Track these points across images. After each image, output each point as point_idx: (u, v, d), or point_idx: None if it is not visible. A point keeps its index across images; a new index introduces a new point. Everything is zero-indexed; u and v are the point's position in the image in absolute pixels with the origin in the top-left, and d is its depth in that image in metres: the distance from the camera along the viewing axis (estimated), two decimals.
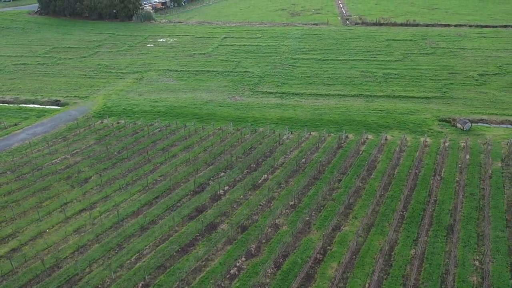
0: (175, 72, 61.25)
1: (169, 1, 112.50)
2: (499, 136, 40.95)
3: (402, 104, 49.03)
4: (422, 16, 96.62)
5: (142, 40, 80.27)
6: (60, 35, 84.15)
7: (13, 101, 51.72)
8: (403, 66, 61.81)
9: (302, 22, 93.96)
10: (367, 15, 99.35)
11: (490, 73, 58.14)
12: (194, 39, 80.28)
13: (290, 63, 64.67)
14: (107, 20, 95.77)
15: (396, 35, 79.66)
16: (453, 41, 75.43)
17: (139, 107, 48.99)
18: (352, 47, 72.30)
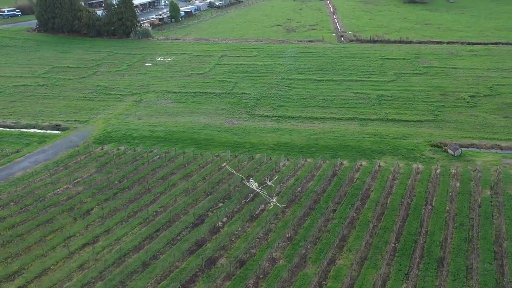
0: (173, 94, 62.38)
1: (167, 17, 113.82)
2: (488, 162, 42.28)
3: (395, 128, 50.33)
4: (415, 33, 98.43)
5: (140, 58, 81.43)
6: (59, 53, 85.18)
7: (14, 125, 52.61)
8: (396, 87, 63.25)
9: (297, 39, 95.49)
10: (361, 31, 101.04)
11: (481, 95, 59.65)
12: (191, 57, 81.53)
13: (286, 84, 66.00)
14: (105, 37, 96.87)
15: (390, 53, 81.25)
16: (445, 59, 77.08)
17: (138, 132, 50.01)
18: (347, 66, 73.76)
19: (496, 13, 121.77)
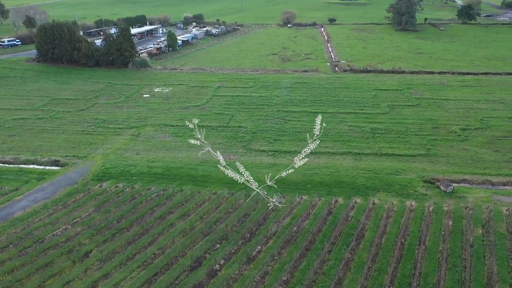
0: (171, 127, 63.45)
1: (164, 47, 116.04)
2: (480, 199, 43.24)
3: (389, 163, 51.41)
4: (408, 62, 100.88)
5: (138, 89, 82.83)
6: (58, 84, 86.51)
7: (14, 161, 53.27)
8: (389, 120, 64.69)
9: (292, 68, 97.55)
10: (355, 60, 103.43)
11: (471, 128, 61.11)
12: (188, 88, 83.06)
13: (282, 116, 67.33)
14: (103, 67, 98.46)
15: (383, 84, 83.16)
16: (437, 90, 79.00)
17: (136, 168, 50.77)
18: (341, 98, 75.39)
19: (485, 41, 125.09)
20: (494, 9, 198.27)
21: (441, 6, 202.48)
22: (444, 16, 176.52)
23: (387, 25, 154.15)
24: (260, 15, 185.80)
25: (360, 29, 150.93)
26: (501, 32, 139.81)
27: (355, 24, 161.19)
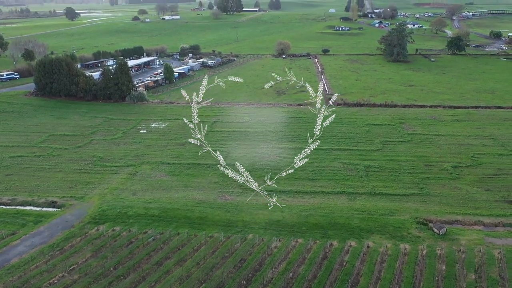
0: (167, 166, 64.21)
1: (161, 79, 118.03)
2: (472, 241, 43.97)
3: (383, 203, 52.22)
4: (400, 95, 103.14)
5: (135, 124, 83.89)
6: (56, 119, 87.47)
7: (11, 202, 53.57)
8: (382, 157, 65.88)
9: (287, 102, 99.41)
10: (348, 93, 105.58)
11: (463, 165, 62.33)
12: (185, 123, 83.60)
13: (277, 153, 68.37)
14: (101, 101, 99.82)
15: (376, 118, 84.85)
16: (429, 125, 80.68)
17: (133, 209, 51.21)
18: (335, 133, 76.71)
19: (475, 73, 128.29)
20: (482, 39, 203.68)
21: (431, 37, 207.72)
22: (434, 46, 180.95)
23: (379, 56, 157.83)
24: (255, 46, 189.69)
25: (353, 60, 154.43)
26: (490, 63, 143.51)
27: (348, 55, 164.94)
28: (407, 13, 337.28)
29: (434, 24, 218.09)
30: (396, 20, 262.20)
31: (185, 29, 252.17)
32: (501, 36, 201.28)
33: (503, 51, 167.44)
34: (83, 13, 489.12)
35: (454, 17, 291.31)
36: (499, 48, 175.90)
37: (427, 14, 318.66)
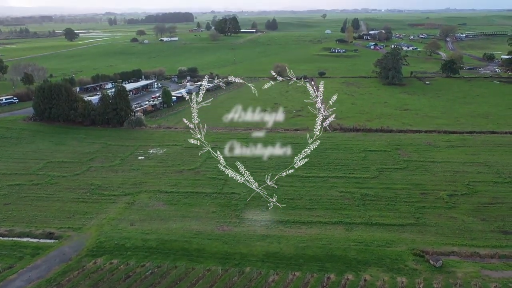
0: (165, 194, 64.47)
1: (159, 103, 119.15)
2: (468, 274, 44.23)
3: (380, 233, 52.54)
4: (395, 120, 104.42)
5: (133, 151, 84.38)
6: (54, 145, 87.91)
7: (8, 234, 53.52)
8: (379, 185, 66.44)
9: (284, 127, 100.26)
10: (345, 117, 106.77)
11: (458, 194, 62.91)
12: (183, 149, 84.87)
13: (275, 181, 68.70)
14: (99, 126, 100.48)
15: (372, 144, 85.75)
16: (424, 151, 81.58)
17: (131, 241, 51.26)
18: (332, 160, 77.46)
19: (470, 96, 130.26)
20: (476, 61, 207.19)
21: (426, 59, 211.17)
22: (429, 68, 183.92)
23: (375, 79, 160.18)
24: (252, 68, 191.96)
25: (349, 82, 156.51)
26: (484, 87, 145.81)
27: (344, 77, 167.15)
28: (401, 34, 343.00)
29: (428, 47, 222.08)
30: (391, 42, 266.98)
31: (183, 50, 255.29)
32: (494, 58, 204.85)
33: (496, 74, 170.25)
34: (82, 33, 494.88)
35: (447, 39, 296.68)
36: (492, 70, 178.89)
37: (421, 36, 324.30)
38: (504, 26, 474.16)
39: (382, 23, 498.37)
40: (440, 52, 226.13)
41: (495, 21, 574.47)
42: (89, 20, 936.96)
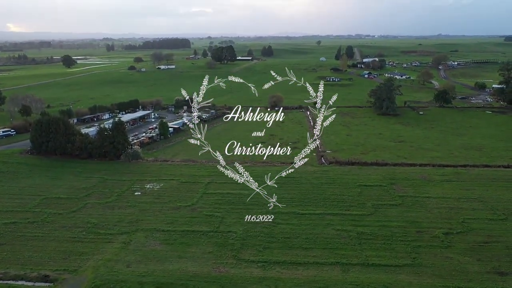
0: (161, 233, 64.39)
1: (156, 135, 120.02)
2: None
3: (376, 275, 52.56)
4: (390, 152, 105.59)
5: (130, 185, 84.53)
6: (51, 180, 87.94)
7: (3, 277, 53.02)
8: (375, 222, 66.79)
9: (281, 160, 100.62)
10: (340, 150, 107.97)
11: (454, 232, 63.31)
12: (179, 184, 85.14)
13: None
14: (96, 160, 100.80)
15: (367, 179, 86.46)
16: (419, 186, 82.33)
17: (127, 284, 50.91)
18: (328, 196, 77.94)
19: (463, 127, 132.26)
20: (468, 90, 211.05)
21: (419, 88, 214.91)
22: (422, 98, 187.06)
23: (369, 108, 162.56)
24: (248, 97, 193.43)
25: (344, 112, 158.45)
26: (476, 117, 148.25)
27: (339, 107, 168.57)
28: (394, 62, 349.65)
29: (421, 76, 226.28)
30: (385, 71, 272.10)
31: (180, 79, 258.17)
32: (486, 87, 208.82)
33: (489, 104, 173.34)
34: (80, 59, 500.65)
35: (440, 67, 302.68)
36: (484, 100, 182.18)
37: (414, 64, 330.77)
38: (495, 53, 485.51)
39: (376, 50, 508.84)
40: (433, 81, 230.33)
41: (486, 48, 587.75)
42: (87, 45, 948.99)
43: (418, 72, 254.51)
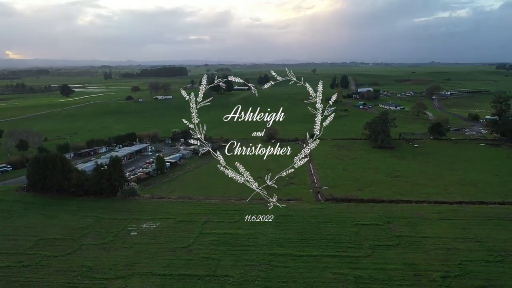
0: (157, 278, 63.69)
1: (153, 171, 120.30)
2: None
3: None
4: (386, 188, 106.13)
5: (126, 225, 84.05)
6: (47, 219, 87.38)
7: None
8: (372, 265, 66.46)
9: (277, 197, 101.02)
10: (336, 185, 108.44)
11: (451, 275, 63.04)
12: (176, 224, 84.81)
13: (268, 261, 68.68)
14: (92, 197, 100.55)
15: (364, 217, 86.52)
16: (415, 224, 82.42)
17: None
18: (324, 235, 77.74)
19: (458, 161, 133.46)
20: (462, 121, 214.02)
21: (414, 119, 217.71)
22: (416, 129, 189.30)
23: (365, 141, 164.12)
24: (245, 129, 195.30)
25: (340, 145, 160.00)
26: (471, 150, 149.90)
27: (335, 139, 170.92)
28: (389, 91, 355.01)
29: (415, 107, 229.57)
30: (379, 101, 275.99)
31: (177, 109, 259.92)
32: (479, 118, 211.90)
33: (482, 136, 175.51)
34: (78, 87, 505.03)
35: (433, 96, 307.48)
36: (477, 131, 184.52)
37: (408, 93, 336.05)
38: (487, 82, 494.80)
39: (370, 78, 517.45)
40: (427, 111, 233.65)
41: (478, 77, 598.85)
42: (84, 73, 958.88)
43: (412, 103, 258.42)
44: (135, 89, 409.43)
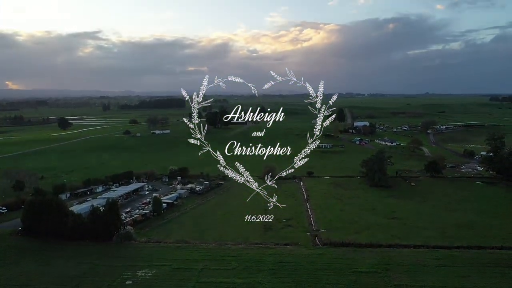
0: None
1: (149, 212, 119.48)
2: None
3: None
4: (384, 231, 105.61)
5: (121, 273, 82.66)
6: (40, 266, 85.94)
7: None
8: None
9: (275, 240, 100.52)
10: (334, 228, 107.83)
11: None
12: (172, 271, 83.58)
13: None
14: (88, 241, 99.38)
15: (362, 263, 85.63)
16: (414, 272, 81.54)
17: None
18: (323, 285, 76.67)
19: (454, 201, 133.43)
20: (457, 157, 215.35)
21: (410, 155, 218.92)
22: (413, 166, 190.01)
23: (362, 179, 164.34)
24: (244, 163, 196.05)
25: (337, 183, 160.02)
26: (467, 189, 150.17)
27: (332, 177, 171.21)
28: (384, 125, 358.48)
29: (411, 143, 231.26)
30: (376, 136, 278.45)
31: (175, 144, 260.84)
32: (475, 154, 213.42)
33: (478, 173, 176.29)
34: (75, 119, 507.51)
35: (429, 131, 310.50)
36: (473, 168, 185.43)
37: (404, 128, 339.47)
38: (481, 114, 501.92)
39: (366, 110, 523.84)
40: (423, 147, 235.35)
41: (472, 109, 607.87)
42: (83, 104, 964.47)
43: (408, 137, 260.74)
44: (133, 122, 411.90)
